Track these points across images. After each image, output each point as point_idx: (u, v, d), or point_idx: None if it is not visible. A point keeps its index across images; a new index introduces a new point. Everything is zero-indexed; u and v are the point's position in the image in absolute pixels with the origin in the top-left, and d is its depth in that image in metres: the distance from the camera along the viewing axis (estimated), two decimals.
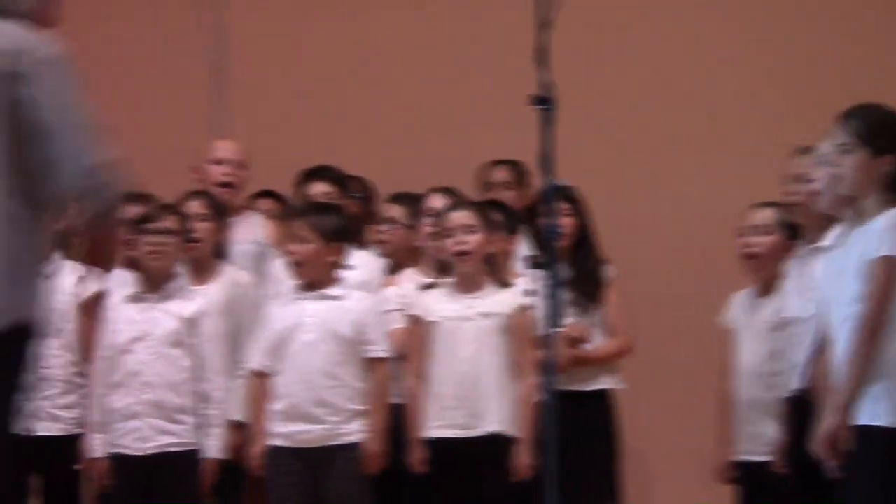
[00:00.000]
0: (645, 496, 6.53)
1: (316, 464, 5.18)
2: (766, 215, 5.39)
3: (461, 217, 5.34)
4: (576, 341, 5.56)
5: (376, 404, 5.25)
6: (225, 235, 5.78)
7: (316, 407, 5.19)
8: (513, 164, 6.13)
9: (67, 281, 5.44)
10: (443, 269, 5.45)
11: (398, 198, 5.86)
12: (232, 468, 5.48)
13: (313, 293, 5.30)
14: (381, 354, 5.29)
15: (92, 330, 5.44)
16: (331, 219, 5.36)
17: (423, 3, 7.12)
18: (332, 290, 5.30)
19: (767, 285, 5.35)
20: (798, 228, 5.22)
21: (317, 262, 5.30)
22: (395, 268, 5.76)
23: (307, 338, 5.24)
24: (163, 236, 5.41)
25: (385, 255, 5.81)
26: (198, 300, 5.45)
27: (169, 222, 5.44)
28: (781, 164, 5.29)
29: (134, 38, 7.20)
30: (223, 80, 7.20)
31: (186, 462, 5.33)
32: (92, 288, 5.48)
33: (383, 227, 5.86)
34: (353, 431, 5.20)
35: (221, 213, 5.73)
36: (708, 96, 6.78)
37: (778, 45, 6.75)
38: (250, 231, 5.96)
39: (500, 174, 6.15)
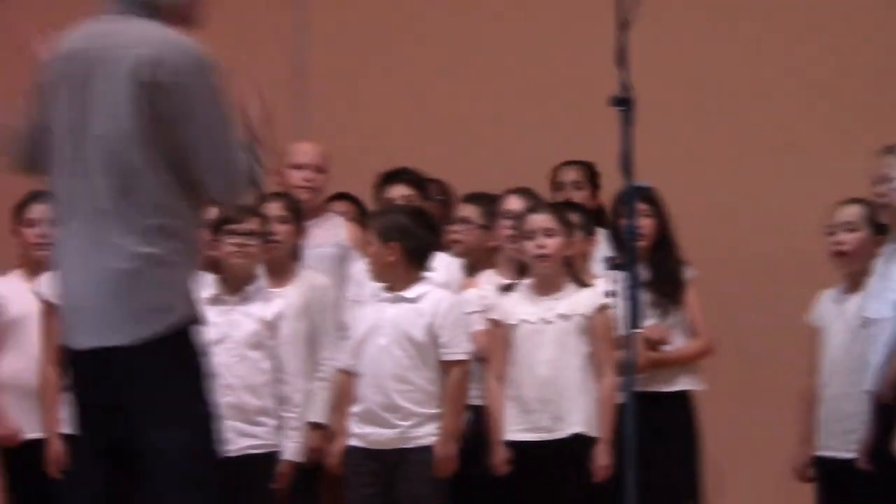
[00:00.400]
0: (726, 497, 6.49)
1: (390, 465, 5.19)
2: (853, 212, 5.35)
3: (541, 220, 5.32)
4: (656, 343, 5.54)
5: (450, 407, 5.22)
6: (303, 238, 5.78)
7: (386, 411, 5.18)
8: (583, 165, 6.13)
9: None
10: (521, 270, 5.43)
11: (473, 198, 5.84)
12: (309, 469, 5.48)
13: (390, 296, 5.29)
14: (457, 356, 5.25)
15: None
16: (386, 218, 5.34)
17: (502, 5, 7.11)
18: (408, 293, 5.27)
19: (855, 282, 5.31)
20: (887, 226, 5.19)
21: (376, 262, 5.27)
22: (470, 269, 5.74)
23: (380, 342, 5.22)
24: (245, 237, 5.41)
25: (459, 255, 5.81)
26: (277, 302, 5.44)
27: (251, 224, 5.43)
28: (864, 162, 5.25)
29: (214, 37, 7.23)
30: (304, 82, 7.22)
31: (267, 464, 5.33)
32: None
33: (457, 228, 5.86)
34: (426, 434, 5.18)
35: (300, 215, 5.72)
36: (789, 95, 6.73)
37: (863, 43, 6.69)
38: (331, 233, 5.96)
39: (571, 174, 6.14)
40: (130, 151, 3.70)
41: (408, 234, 5.26)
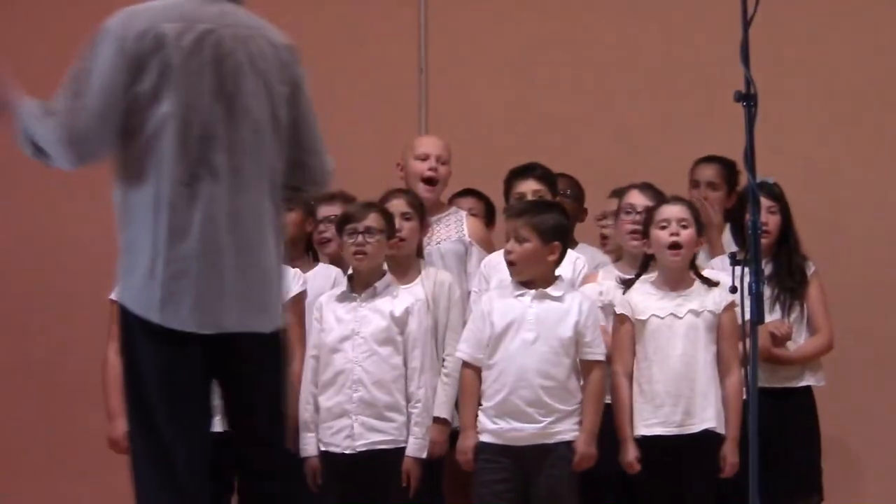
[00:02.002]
0: (848, 493, 6.46)
1: (525, 461, 5.19)
2: None
3: (676, 210, 5.31)
4: (780, 339, 5.53)
5: (592, 405, 5.21)
6: (427, 234, 5.80)
7: (529, 406, 5.18)
8: (721, 163, 6.09)
9: None
10: (644, 265, 5.43)
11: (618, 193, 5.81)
12: (434, 464, 5.52)
13: (533, 292, 5.28)
14: (599, 356, 5.25)
15: (294, 329, 5.41)
16: (549, 217, 5.32)
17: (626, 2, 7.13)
18: (553, 290, 5.27)
19: None
20: None
21: (535, 261, 5.27)
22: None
23: (526, 336, 5.22)
24: (365, 235, 5.42)
25: (608, 251, 5.89)
26: (406, 298, 5.45)
27: (370, 221, 5.44)
28: None
29: (338, 35, 7.30)
30: (428, 77, 7.27)
31: (395, 459, 5.35)
32: (296, 288, 5.49)
33: (604, 223, 5.91)
34: (565, 431, 5.19)
35: (424, 211, 5.73)
36: None
37: None
38: (453, 228, 6.00)
39: (708, 173, 6.11)
40: (276, 142, 3.87)
41: (566, 235, 5.32)
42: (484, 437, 5.26)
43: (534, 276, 5.29)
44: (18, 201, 7.36)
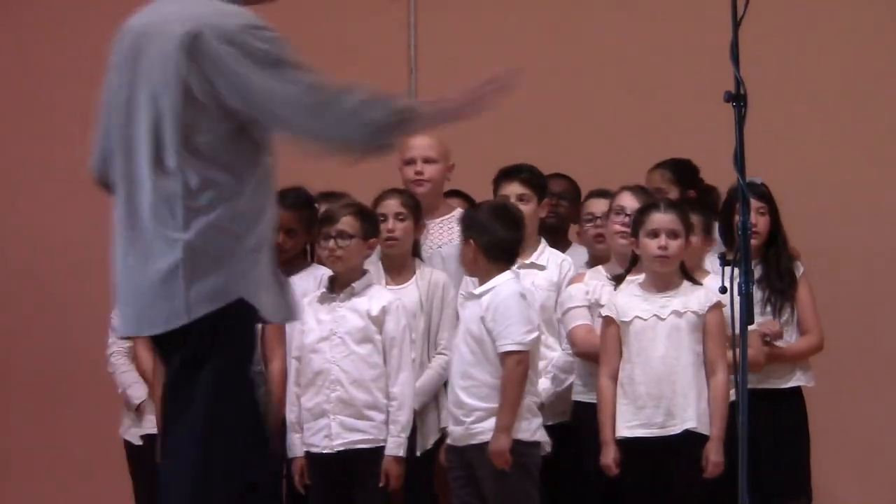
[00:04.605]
0: (837, 495, 6.46)
1: (466, 461, 5.22)
2: None
3: (666, 220, 5.26)
4: (771, 338, 5.54)
5: (502, 399, 5.14)
6: (422, 234, 5.78)
7: (456, 407, 5.23)
8: (667, 167, 6.09)
9: None
10: (631, 262, 5.41)
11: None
12: (422, 464, 5.53)
13: (466, 293, 5.34)
14: (506, 348, 5.16)
15: (274, 329, 5.41)
16: (467, 216, 5.35)
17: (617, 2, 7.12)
18: (478, 289, 5.26)
19: None
20: None
21: (462, 260, 5.34)
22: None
23: (458, 338, 5.30)
24: (337, 240, 5.40)
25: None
26: (384, 297, 5.43)
27: (342, 225, 5.41)
28: None
29: (328, 34, 7.30)
30: (418, 77, 7.26)
31: (376, 458, 5.34)
32: None
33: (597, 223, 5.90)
34: (489, 430, 5.14)
35: (420, 211, 5.71)
36: None
37: None
38: (457, 231, 5.95)
39: (655, 178, 6.09)
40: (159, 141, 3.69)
41: (483, 231, 5.25)
42: (448, 439, 5.35)
43: (473, 274, 5.33)
44: (17, 200, 7.37)
